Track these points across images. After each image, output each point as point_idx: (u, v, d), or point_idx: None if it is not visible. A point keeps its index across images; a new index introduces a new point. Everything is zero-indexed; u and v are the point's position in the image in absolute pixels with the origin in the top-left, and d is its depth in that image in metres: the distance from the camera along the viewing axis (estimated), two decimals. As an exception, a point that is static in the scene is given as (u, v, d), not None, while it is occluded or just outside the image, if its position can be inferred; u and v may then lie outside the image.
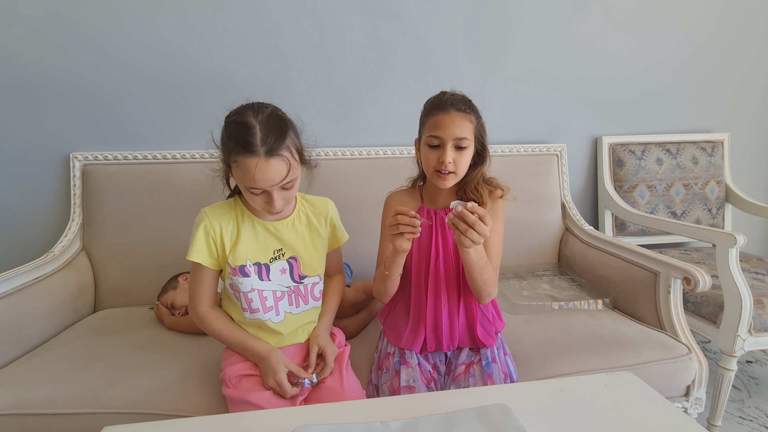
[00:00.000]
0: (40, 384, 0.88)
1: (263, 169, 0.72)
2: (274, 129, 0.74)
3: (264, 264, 0.84)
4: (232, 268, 0.82)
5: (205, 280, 0.84)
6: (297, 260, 0.87)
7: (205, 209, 0.85)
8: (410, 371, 0.86)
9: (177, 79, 1.42)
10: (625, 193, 1.67)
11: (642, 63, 1.68)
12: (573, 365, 0.96)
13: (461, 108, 0.84)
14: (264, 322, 0.84)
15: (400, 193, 0.99)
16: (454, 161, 0.83)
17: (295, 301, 0.88)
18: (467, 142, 0.84)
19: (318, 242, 0.90)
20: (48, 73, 1.35)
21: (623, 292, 1.23)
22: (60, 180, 1.41)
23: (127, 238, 1.35)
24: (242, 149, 0.72)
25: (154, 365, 0.94)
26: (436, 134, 0.83)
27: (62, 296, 1.20)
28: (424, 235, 0.92)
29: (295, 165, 0.77)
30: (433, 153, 0.85)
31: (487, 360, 0.88)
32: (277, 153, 0.73)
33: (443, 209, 0.93)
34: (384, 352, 0.95)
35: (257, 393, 0.79)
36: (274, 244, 0.86)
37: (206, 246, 0.82)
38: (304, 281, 0.88)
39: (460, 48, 1.56)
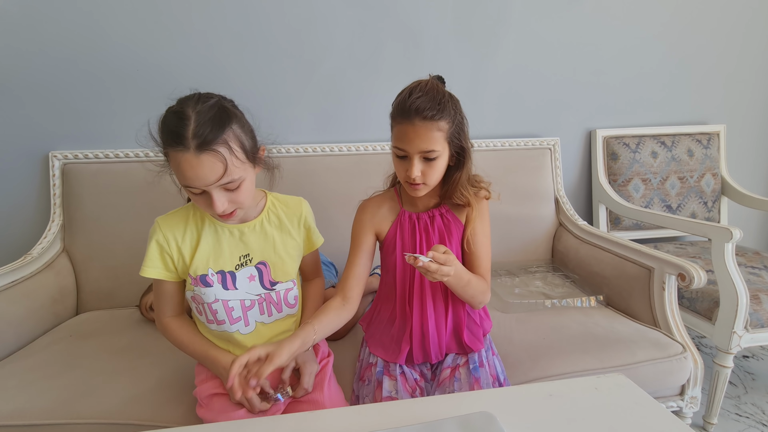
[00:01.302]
0: (10, 393, 0.84)
1: (193, 165, 0.63)
2: (211, 121, 0.64)
3: (229, 272, 0.78)
4: (193, 278, 0.76)
5: (166, 292, 0.79)
6: (266, 265, 0.80)
7: (159, 219, 0.77)
8: (393, 382, 0.82)
9: (158, 75, 1.38)
10: (620, 187, 1.64)
11: (636, 54, 1.64)
12: (565, 366, 0.93)
13: (428, 115, 0.72)
14: (231, 335, 0.79)
15: (376, 199, 0.89)
16: (422, 173, 0.75)
17: (267, 310, 0.82)
18: (436, 154, 0.75)
19: (290, 245, 0.83)
20: (24, 69, 1.30)
21: (617, 289, 1.21)
22: (39, 180, 1.37)
23: (109, 238, 1.31)
24: (171, 141, 0.64)
25: (131, 372, 0.91)
26: (400, 146, 0.75)
27: (41, 300, 1.17)
28: (407, 240, 0.86)
29: (237, 164, 0.67)
30: (401, 164, 0.77)
31: (475, 364, 0.84)
32: (210, 148, 0.63)
33: (425, 211, 0.87)
34: (366, 362, 0.90)
35: (229, 414, 0.74)
36: (240, 249, 0.79)
37: (161, 260, 0.76)
38: (276, 287, 0.81)
39: (450, 41, 1.51)
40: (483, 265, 0.85)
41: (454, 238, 0.85)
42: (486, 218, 0.87)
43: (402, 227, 0.87)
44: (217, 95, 0.71)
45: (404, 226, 0.87)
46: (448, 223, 0.86)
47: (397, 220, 0.87)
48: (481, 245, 0.85)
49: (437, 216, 0.86)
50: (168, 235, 0.76)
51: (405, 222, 0.87)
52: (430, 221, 0.86)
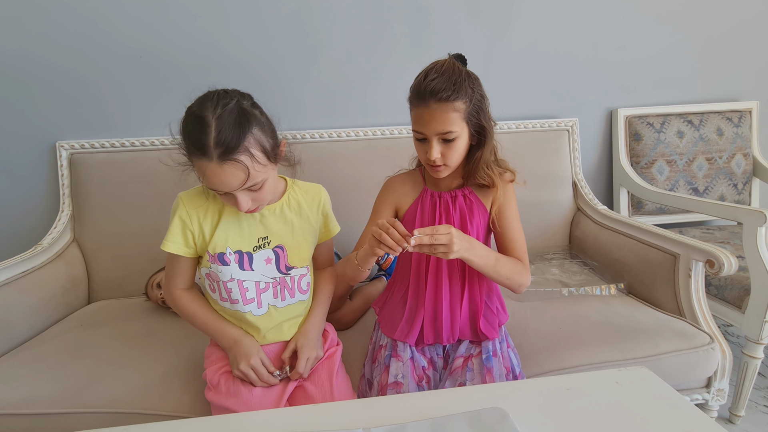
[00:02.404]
0: (21, 382, 0.85)
1: (217, 173, 0.65)
2: (232, 128, 0.64)
3: (246, 252, 0.78)
4: (211, 255, 0.76)
5: (181, 267, 0.79)
6: (284, 250, 0.80)
7: (182, 195, 0.78)
8: (400, 365, 0.80)
9: (162, 61, 1.35)
10: (643, 170, 1.56)
11: (661, 29, 1.54)
12: (583, 357, 0.89)
13: (443, 96, 0.72)
14: (243, 315, 0.79)
15: (401, 176, 0.91)
16: (442, 155, 0.76)
17: (281, 294, 0.81)
18: (453, 135, 0.74)
19: (308, 231, 0.83)
20: (28, 58, 1.29)
21: (639, 276, 1.15)
22: (47, 170, 1.37)
23: (118, 227, 1.31)
24: (194, 149, 0.65)
25: (140, 361, 0.91)
26: (418, 129, 0.76)
27: (52, 289, 1.18)
28: (427, 218, 0.86)
29: (259, 168, 0.67)
30: (421, 146, 0.78)
31: (488, 353, 0.81)
32: (232, 158, 0.64)
33: (447, 191, 0.86)
34: (377, 344, 0.89)
35: (237, 399, 0.74)
36: (259, 231, 0.79)
37: (182, 236, 0.76)
38: (291, 272, 0.81)
39: (462, 18, 1.44)
40: (517, 247, 0.84)
41: (476, 220, 0.84)
42: (513, 200, 0.86)
43: (423, 205, 0.87)
44: (236, 94, 0.69)
45: (425, 204, 0.87)
46: (471, 204, 0.85)
47: (419, 198, 0.87)
48: (511, 227, 0.84)
49: (459, 196, 0.85)
50: (191, 211, 0.76)
51: (426, 200, 0.87)
52: (452, 201, 0.85)
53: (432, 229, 0.68)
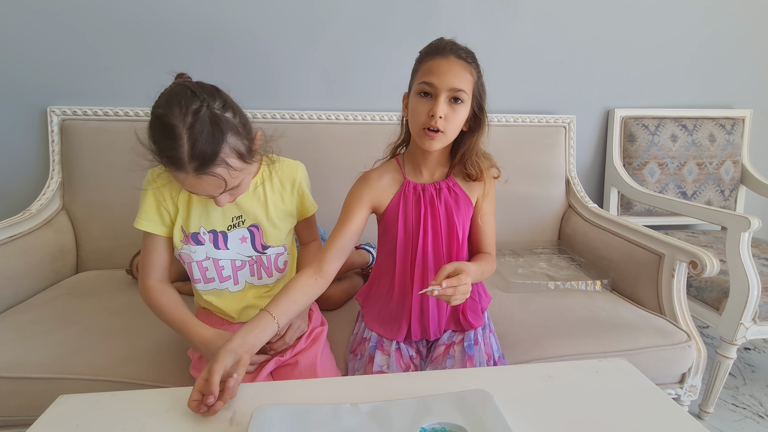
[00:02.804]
0: (7, 346, 0.84)
1: (194, 184, 0.63)
2: (205, 141, 0.60)
3: (221, 232, 0.76)
4: (185, 235, 0.74)
5: (157, 249, 0.75)
6: (259, 228, 0.79)
7: (154, 170, 0.73)
8: (386, 357, 0.81)
9: (160, 30, 1.32)
10: (635, 171, 1.58)
11: (661, 33, 1.54)
12: (565, 348, 0.91)
13: (462, 56, 0.72)
14: (222, 291, 0.79)
15: (377, 171, 0.84)
16: (445, 117, 0.71)
17: (257, 272, 0.81)
18: (464, 96, 0.72)
19: (282, 210, 0.81)
20: (21, 22, 1.25)
21: (624, 274, 1.18)
22: (38, 135, 1.34)
23: (109, 198, 1.29)
24: (169, 163, 0.62)
25: (128, 332, 0.91)
26: (430, 80, 0.71)
27: (40, 256, 1.16)
28: (411, 213, 0.81)
29: (236, 173, 0.66)
30: (424, 104, 0.72)
31: (470, 341, 0.83)
32: (208, 171, 0.62)
33: (431, 183, 0.82)
34: (360, 337, 0.89)
35: None
36: (233, 210, 0.77)
37: (157, 214, 0.73)
38: (267, 251, 0.80)
39: (468, 8, 1.43)
40: (491, 242, 0.86)
41: (462, 214, 0.82)
42: (494, 196, 0.86)
43: (406, 198, 0.82)
44: (204, 93, 0.64)
45: (408, 198, 0.82)
46: (456, 197, 0.82)
47: (401, 191, 0.82)
48: (489, 223, 0.85)
49: (444, 188, 0.82)
50: (163, 189, 0.73)
51: (409, 193, 0.82)
52: (436, 193, 0.82)
53: (457, 279, 0.67)
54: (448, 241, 0.82)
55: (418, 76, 0.74)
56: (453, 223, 0.81)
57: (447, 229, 0.82)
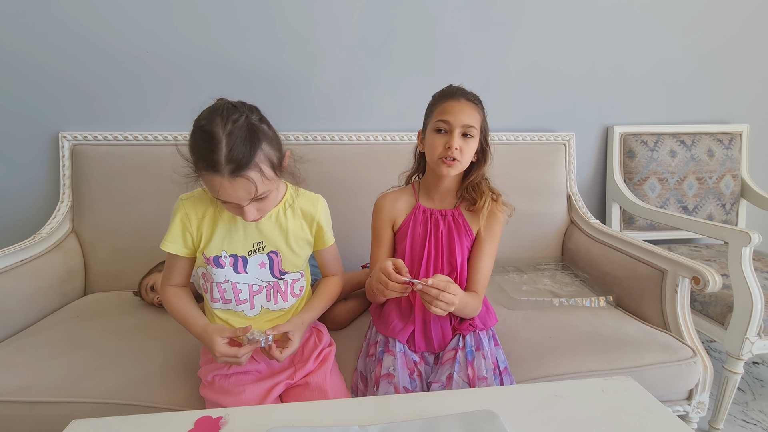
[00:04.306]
0: (18, 370, 0.85)
1: (227, 188, 0.66)
2: (242, 145, 0.65)
3: (241, 256, 0.79)
4: (206, 258, 0.78)
5: (178, 265, 0.82)
6: (278, 255, 0.82)
7: (183, 197, 0.80)
8: (392, 359, 0.83)
9: (168, 58, 1.36)
10: (635, 186, 1.60)
11: (658, 50, 1.58)
12: (571, 366, 0.91)
13: (471, 99, 0.86)
14: (238, 314, 0.81)
15: (393, 194, 0.96)
16: (460, 149, 0.83)
17: (274, 297, 0.83)
18: (474, 132, 0.85)
19: (302, 238, 0.84)
20: (36, 49, 1.30)
21: (628, 290, 1.18)
22: (49, 160, 1.37)
23: (117, 220, 1.32)
24: (205, 166, 0.66)
25: (136, 354, 0.92)
26: (445, 119, 0.84)
27: (49, 279, 1.18)
28: (419, 233, 0.92)
29: (267, 182, 0.69)
30: (440, 139, 0.85)
31: (470, 347, 0.85)
32: (243, 174, 0.65)
33: (440, 209, 0.93)
34: (372, 340, 0.93)
35: (231, 397, 0.75)
36: (255, 236, 0.80)
37: (181, 237, 0.79)
38: (285, 277, 0.83)
39: (465, 29, 1.47)
40: (482, 281, 0.91)
41: (462, 241, 0.91)
42: (497, 237, 0.93)
43: (415, 219, 0.94)
44: (244, 109, 0.70)
45: (417, 219, 0.94)
46: (459, 225, 0.92)
47: (412, 213, 0.94)
48: (484, 261, 0.91)
49: (449, 215, 0.93)
50: (191, 213, 0.78)
51: (419, 215, 0.94)
52: (441, 218, 0.93)
53: (445, 284, 0.73)
54: (449, 263, 0.90)
55: (433, 116, 0.87)
56: (453, 248, 0.90)
57: (448, 252, 0.91)
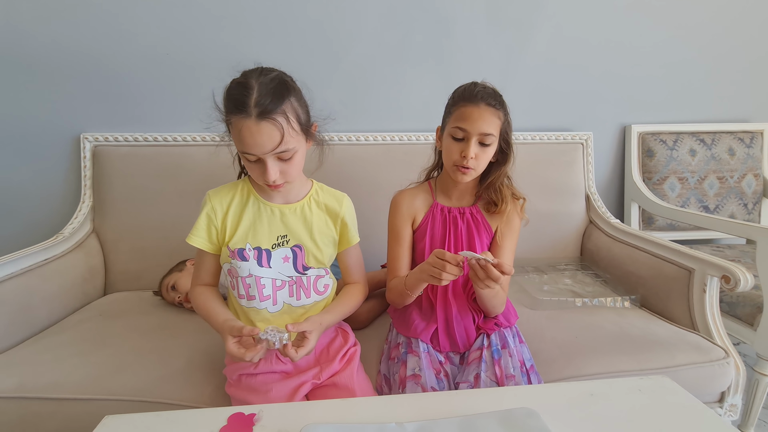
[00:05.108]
0: (45, 367, 0.86)
1: (253, 132, 0.67)
2: (272, 92, 0.68)
3: (265, 249, 0.79)
4: (231, 251, 0.78)
5: (204, 263, 0.83)
6: (302, 249, 0.81)
7: (210, 192, 0.82)
8: (417, 360, 0.82)
9: (188, 59, 1.38)
10: (655, 186, 1.58)
11: (676, 48, 1.57)
12: (600, 366, 0.90)
13: (491, 103, 0.81)
14: (259, 312, 0.80)
15: (410, 191, 0.95)
16: (475, 156, 0.81)
17: (296, 293, 0.82)
18: (492, 139, 0.82)
19: (326, 235, 0.84)
20: (59, 51, 1.32)
21: (653, 290, 1.16)
22: (70, 161, 1.39)
23: (138, 220, 1.33)
24: (234, 109, 0.68)
25: (161, 352, 0.92)
26: (462, 126, 0.81)
27: (72, 278, 1.19)
28: (438, 231, 0.92)
29: (293, 134, 0.70)
30: (456, 146, 0.83)
31: (496, 346, 0.84)
32: (270, 117, 0.67)
33: (457, 207, 0.92)
34: (394, 342, 0.91)
35: (258, 395, 0.74)
36: (279, 229, 0.81)
37: (206, 231, 0.80)
38: (308, 273, 0.82)
39: (482, 29, 1.47)
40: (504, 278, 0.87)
41: (482, 238, 0.90)
42: (516, 234, 0.92)
43: (434, 219, 0.93)
44: (279, 70, 0.74)
45: (436, 217, 0.93)
46: (477, 223, 0.91)
47: (430, 211, 0.93)
48: (507, 258, 0.90)
49: (467, 213, 0.92)
50: (217, 207, 0.79)
51: (437, 214, 0.93)
52: (459, 216, 0.92)
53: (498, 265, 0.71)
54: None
55: (451, 120, 0.84)
56: (473, 246, 0.90)
57: (468, 249, 0.89)
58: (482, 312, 0.90)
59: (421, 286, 0.81)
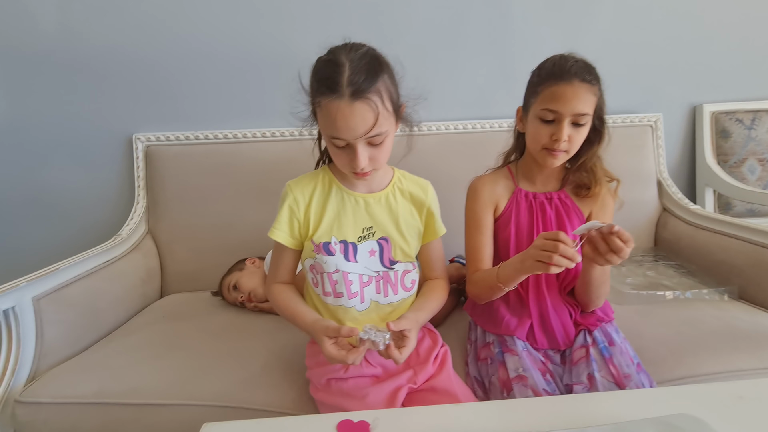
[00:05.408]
0: (122, 372, 0.83)
1: (346, 114, 0.61)
2: (365, 68, 0.62)
3: (351, 243, 0.74)
4: (316, 245, 0.73)
5: (283, 259, 0.78)
6: (388, 242, 0.76)
7: (290, 183, 0.76)
8: (516, 359, 0.74)
9: (239, 54, 1.34)
10: (731, 169, 1.46)
11: (748, 20, 1.44)
12: (717, 365, 0.80)
13: (587, 78, 0.73)
14: (348, 310, 0.74)
15: (490, 176, 0.88)
16: (569, 138, 0.74)
17: (384, 289, 0.76)
18: (587, 119, 0.74)
19: (412, 225, 0.78)
20: (108, 52, 1.31)
21: (754, 280, 1.05)
22: (123, 162, 1.37)
23: (193, 220, 1.30)
24: (326, 89, 0.62)
25: (236, 355, 0.87)
26: (554, 108, 0.73)
27: (132, 280, 1.17)
28: (524, 219, 0.83)
29: (386, 116, 0.64)
30: (546, 128, 0.75)
31: (604, 343, 0.76)
32: (364, 96, 0.61)
33: (543, 193, 0.84)
34: (481, 341, 0.84)
35: (354, 401, 0.68)
36: (364, 220, 0.75)
37: (288, 225, 0.74)
38: (395, 267, 0.76)
39: (539, 7, 1.39)
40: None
41: (574, 225, 0.82)
42: (611, 218, 0.84)
43: (518, 206, 0.85)
44: (367, 44, 0.68)
45: (520, 204, 0.85)
46: (567, 208, 0.84)
47: (513, 198, 0.86)
48: None
49: (555, 199, 0.85)
50: (299, 197, 0.74)
51: (521, 200, 0.85)
52: (547, 202, 0.84)
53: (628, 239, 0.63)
54: None
55: (538, 101, 0.75)
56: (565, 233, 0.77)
57: None
58: (578, 305, 0.82)
59: (519, 278, 0.72)
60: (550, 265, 0.63)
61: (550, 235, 0.64)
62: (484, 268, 0.82)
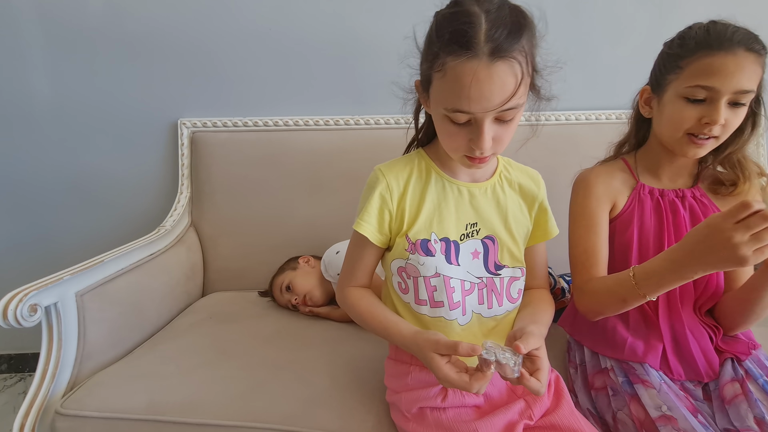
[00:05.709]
0: (173, 381, 0.72)
1: (481, 78, 0.48)
2: (507, 21, 0.48)
3: (453, 241, 0.62)
4: (411, 243, 0.60)
5: (364, 257, 0.65)
6: (495, 242, 0.63)
7: (381, 167, 0.64)
8: (654, 393, 0.61)
9: (291, 35, 1.23)
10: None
11: None
12: None
13: (754, 48, 0.59)
14: (449, 323, 0.61)
15: (603, 169, 0.74)
16: (725, 122, 0.61)
17: (488, 299, 0.63)
18: (748, 98, 0.61)
19: (522, 223, 0.66)
20: (155, 32, 1.21)
21: None
22: (167, 149, 1.28)
23: (239, 213, 1.20)
24: (456, 47, 0.48)
25: (297, 367, 0.76)
26: (709, 84, 0.59)
27: (176, 275, 1.07)
28: (649, 220, 0.70)
29: (526, 84, 0.52)
30: (693, 110, 0.62)
31: (763, 377, 0.62)
32: (508, 54, 0.48)
33: (672, 189, 0.71)
34: (593, 367, 0.71)
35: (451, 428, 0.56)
36: (469, 215, 0.63)
37: (378, 217, 0.62)
38: (501, 273, 0.63)
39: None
40: None
41: None
42: None
43: (641, 203, 0.71)
44: None
45: (644, 202, 0.71)
46: (705, 208, 0.69)
47: (634, 195, 0.72)
48: None
49: (689, 197, 0.71)
50: (393, 185, 0.62)
51: (645, 197, 0.72)
52: (679, 200, 0.70)
53: None
54: None
55: (683, 77, 0.63)
56: None
57: None
58: (718, 327, 0.67)
59: (676, 283, 0.56)
60: (756, 256, 0.47)
61: (734, 211, 0.48)
62: (599, 275, 0.68)
